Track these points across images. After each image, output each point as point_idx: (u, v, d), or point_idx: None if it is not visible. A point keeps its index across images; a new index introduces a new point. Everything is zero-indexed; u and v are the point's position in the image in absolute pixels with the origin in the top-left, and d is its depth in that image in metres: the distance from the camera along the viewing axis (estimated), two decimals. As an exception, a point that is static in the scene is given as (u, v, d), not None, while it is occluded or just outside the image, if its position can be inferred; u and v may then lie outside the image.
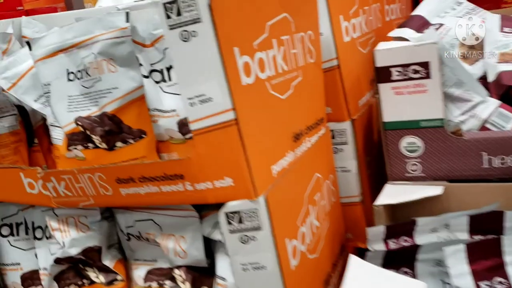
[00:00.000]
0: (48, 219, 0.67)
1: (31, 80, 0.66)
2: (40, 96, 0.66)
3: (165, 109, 0.62)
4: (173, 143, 0.64)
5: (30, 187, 0.63)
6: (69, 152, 0.60)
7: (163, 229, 0.61)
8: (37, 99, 0.66)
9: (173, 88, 0.64)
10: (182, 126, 0.63)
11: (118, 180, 0.56)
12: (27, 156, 0.72)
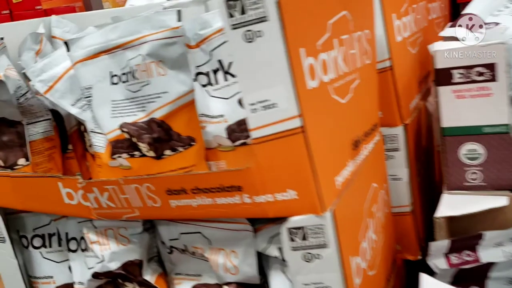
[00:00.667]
0: (86, 231, 0.63)
1: (68, 83, 0.62)
2: (78, 100, 0.62)
3: (212, 114, 0.57)
4: (221, 151, 0.60)
5: (69, 198, 0.59)
6: (113, 161, 0.56)
7: (212, 243, 0.57)
8: (75, 103, 0.62)
9: (220, 91, 0.60)
10: (231, 132, 0.59)
11: (168, 191, 0.52)
12: (61, 163, 0.68)
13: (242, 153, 0.59)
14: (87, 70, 0.57)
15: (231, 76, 0.60)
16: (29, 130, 0.65)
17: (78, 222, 0.65)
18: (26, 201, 0.62)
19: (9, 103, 0.62)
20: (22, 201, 0.63)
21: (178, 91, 0.53)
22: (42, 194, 0.61)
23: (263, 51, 0.44)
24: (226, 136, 0.59)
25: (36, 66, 0.61)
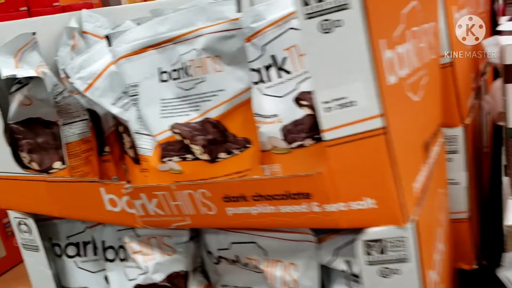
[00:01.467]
0: (128, 240, 0.58)
1: (108, 81, 0.57)
2: (118, 98, 0.58)
3: (266, 114, 0.53)
4: (276, 153, 0.55)
5: (112, 204, 0.54)
6: (162, 165, 0.52)
7: (269, 254, 0.52)
8: (115, 102, 0.58)
9: (273, 89, 0.55)
10: (287, 133, 0.54)
11: (226, 197, 0.47)
12: (98, 166, 0.64)
13: (299, 156, 0.55)
14: (133, 66, 0.53)
15: (285, 72, 0.56)
16: (65, 131, 0.60)
17: (117, 230, 0.61)
18: (63, 208, 0.58)
19: (46, 102, 0.58)
20: (58, 208, 0.58)
21: (235, 88, 0.48)
22: (81, 201, 0.56)
23: (342, 43, 0.39)
24: (281, 137, 0.55)
25: (74, 62, 0.57)
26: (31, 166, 0.59)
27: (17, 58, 0.61)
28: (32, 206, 0.60)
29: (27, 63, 0.61)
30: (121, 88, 0.58)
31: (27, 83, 0.60)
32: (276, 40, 0.55)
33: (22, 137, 0.59)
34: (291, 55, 0.55)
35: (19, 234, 0.64)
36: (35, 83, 0.57)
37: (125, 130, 0.62)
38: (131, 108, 0.57)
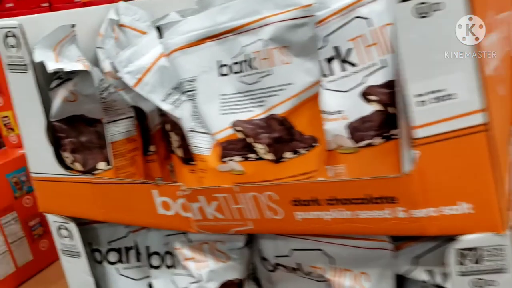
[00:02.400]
0: (180, 245, 0.54)
1: (158, 76, 0.53)
2: (168, 95, 0.54)
3: (329, 110, 0.49)
4: (341, 153, 0.51)
5: (164, 208, 0.50)
6: (222, 165, 0.48)
7: (336, 262, 0.48)
8: (165, 99, 0.54)
9: (336, 84, 0.51)
10: (353, 131, 0.50)
11: (295, 201, 0.43)
12: (143, 167, 0.60)
13: (367, 156, 0.50)
14: (189, 60, 0.49)
15: (350, 65, 0.51)
16: (110, 130, 0.56)
17: (165, 235, 0.57)
18: (110, 211, 0.54)
19: (91, 98, 0.54)
20: (104, 212, 0.54)
21: (304, 82, 0.44)
22: (130, 204, 0.52)
23: (441, 28, 0.35)
24: (348, 135, 0.50)
25: (122, 56, 0.53)
26: (74, 166, 0.56)
27: (56, 51, 0.57)
28: (75, 209, 0.57)
29: (66, 57, 0.58)
30: (171, 84, 0.54)
31: (69, 78, 0.56)
32: (340, 30, 0.51)
33: (65, 135, 0.55)
34: (357, 46, 0.51)
35: (59, 239, 0.60)
36: (81, 77, 0.53)
37: (173, 128, 0.58)
38: (182, 104, 0.53)
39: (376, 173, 0.50)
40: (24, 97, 0.54)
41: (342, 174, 0.51)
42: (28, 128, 0.56)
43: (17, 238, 0.93)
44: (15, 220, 0.93)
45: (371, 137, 0.50)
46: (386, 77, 0.49)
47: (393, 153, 0.50)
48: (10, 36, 0.52)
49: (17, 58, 0.53)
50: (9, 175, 0.92)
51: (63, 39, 0.58)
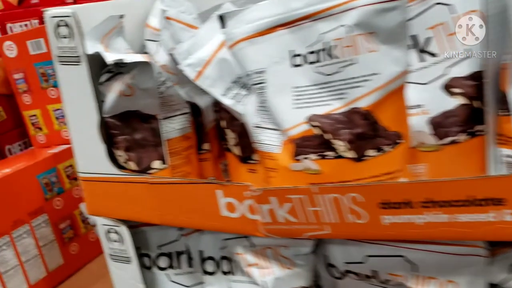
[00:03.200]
0: (243, 250, 0.50)
1: (217, 69, 0.50)
2: (228, 89, 0.50)
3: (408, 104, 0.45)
4: (423, 151, 0.47)
5: (229, 209, 0.47)
6: (296, 163, 0.44)
7: (420, 269, 0.44)
8: (225, 93, 0.50)
9: (414, 75, 0.48)
10: (436, 127, 0.47)
11: (384, 204, 0.40)
12: (197, 166, 0.56)
13: (451, 154, 0.47)
14: (257, 50, 0.45)
15: (429, 55, 0.48)
16: (165, 126, 0.53)
17: (223, 239, 0.53)
18: (166, 213, 0.50)
19: (149, 93, 0.50)
20: (160, 214, 0.51)
21: (391, 72, 0.41)
22: (190, 205, 0.49)
23: None
24: (430, 131, 0.47)
25: (182, 47, 0.49)
26: (128, 165, 0.52)
27: (104, 43, 0.53)
28: (127, 211, 0.53)
29: (114, 50, 0.54)
30: (231, 77, 0.50)
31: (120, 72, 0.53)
32: (419, 17, 0.47)
33: (119, 132, 0.51)
34: (437, 35, 0.47)
35: (107, 244, 0.57)
36: (140, 70, 0.49)
37: (229, 125, 0.54)
38: (243, 99, 0.50)
39: (459, 173, 0.46)
40: (76, 91, 0.51)
41: (422, 174, 0.48)
42: (78, 125, 0.52)
43: (48, 241, 0.90)
44: (45, 222, 0.89)
45: (456, 133, 0.46)
46: (471, 68, 0.46)
47: (477, 151, 0.46)
48: (62, 26, 0.49)
49: (69, 49, 0.49)
50: (40, 176, 0.89)
51: (110, 31, 0.54)
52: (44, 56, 0.93)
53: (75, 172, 0.99)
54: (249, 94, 0.50)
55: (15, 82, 0.98)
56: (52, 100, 0.96)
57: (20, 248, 0.84)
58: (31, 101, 0.98)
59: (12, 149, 1.06)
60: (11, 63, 0.97)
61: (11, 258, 0.83)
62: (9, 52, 0.95)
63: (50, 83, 0.95)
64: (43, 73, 0.94)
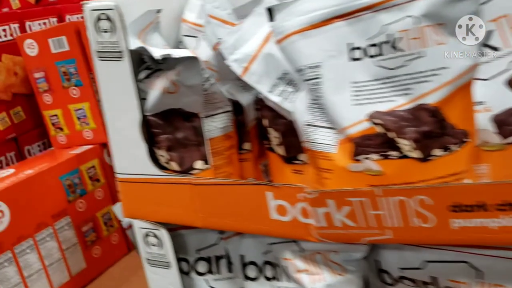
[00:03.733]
0: (292, 255, 0.48)
1: (263, 64, 0.48)
2: (274, 85, 0.48)
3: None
4: (485, 150, 0.45)
5: (279, 212, 0.44)
6: (356, 164, 0.41)
7: (486, 276, 0.42)
8: (272, 90, 0.48)
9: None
10: (501, 124, 0.44)
11: (454, 206, 0.37)
12: (238, 166, 0.54)
13: (515, 154, 0.44)
14: (311, 43, 0.43)
15: (491, 49, 0.45)
16: (207, 125, 0.50)
17: (268, 244, 0.51)
18: (210, 216, 0.48)
19: (194, 90, 0.48)
20: (204, 216, 0.48)
21: (461, 66, 0.38)
22: (236, 208, 0.46)
23: None
24: (494, 130, 0.44)
25: (228, 42, 0.47)
26: (169, 166, 0.50)
27: (141, 39, 0.51)
28: (167, 214, 0.51)
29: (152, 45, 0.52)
30: (277, 73, 0.48)
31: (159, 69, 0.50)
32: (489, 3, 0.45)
33: (161, 131, 0.49)
34: (500, 28, 0.44)
35: (145, 248, 0.54)
36: (186, 66, 0.47)
37: (272, 124, 0.52)
38: (291, 96, 0.47)
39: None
40: (116, 89, 0.48)
41: (484, 174, 0.45)
42: (118, 123, 0.50)
43: (71, 244, 0.88)
44: (68, 225, 0.87)
45: (521, 132, 0.44)
46: (538, 63, 0.43)
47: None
48: (103, 19, 0.47)
49: (110, 44, 0.47)
50: (63, 177, 0.87)
51: (147, 26, 0.52)
52: (66, 54, 0.91)
53: (97, 174, 0.97)
54: (295, 91, 0.48)
55: (36, 81, 0.96)
56: (73, 99, 0.94)
57: (44, 252, 0.82)
58: (52, 101, 0.95)
59: (31, 149, 1.04)
60: (32, 62, 0.95)
61: (35, 262, 0.81)
62: (30, 50, 0.93)
63: (72, 82, 0.93)
64: (65, 72, 0.92)
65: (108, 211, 0.96)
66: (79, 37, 0.90)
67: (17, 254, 0.77)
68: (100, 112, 0.93)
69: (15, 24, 1.01)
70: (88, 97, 0.93)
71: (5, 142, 0.98)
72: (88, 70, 0.92)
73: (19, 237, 0.78)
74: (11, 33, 1.00)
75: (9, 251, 0.76)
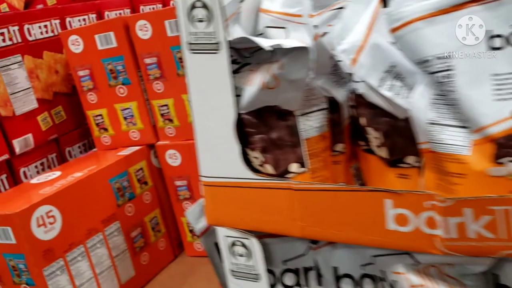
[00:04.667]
0: (405, 269, 0.43)
1: (370, 56, 0.43)
2: (381, 80, 0.43)
3: None
4: None
5: (398, 222, 0.40)
6: (497, 167, 0.37)
7: None
8: (380, 84, 0.43)
9: None
10: None
11: None
12: (332, 170, 0.49)
13: None
14: (440, 31, 0.38)
15: None
16: (302, 124, 0.46)
17: (373, 256, 0.46)
18: (312, 225, 0.43)
19: (296, 85, 0.43)
20: (304, 225, 0.44)
21: None
22: (344, 216, 0.42)
23: None
24: None
25: (334, 31, 0.43)
26: (263, 169, 0.45)
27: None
28: (260, 221, 0.46)
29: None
30: (383, 66, 0.43)
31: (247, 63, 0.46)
32: None
33: (256, 131, 0.44)
34: None
35: (230, 258, 0.50)
36: (292, 58, 0.42)
37: (371, 123, 0.47)
38: (402, 91, 0.43)
39: None
40: (209, 84, 0.44)
41: None
42: (208, 122, 0.45)
43: (120, 251, 0.83)
44: (118, 231, 0.83)
45: None
46: None
47: None
48: (198, 7, 0.42)
49: (205, 35, 0.42)
50: (112, 180, 0.83)
51: (230, 17, 0.48)
52: (114, 51, 0.87)
53: (145, 176, 0.92)
54: (404, 85, 0.43)
55: (80, 79, 0.91)
56: (120, 98, 0.89)
57: (94, 259, 0.78)
58: (96, 100, 0.91)
59: (72, 151, 1.00)
60: (76, 59, 0.90)
61: (86, 270, 0.76)
62: (75, 47, 0.89)
63: (119, 80, 0.88)
64: (112, 70, 0.88)
65: (155, 216, 0.91)
66: (127, 32, 0.86)
67: (68, 262, 0.73)
68: (148, 112, 0.89)
69: (56, 20, 0.97)
70: (136, 96, 0.89)
71: (47, 144, 0.94)
72: (136, 68, 0.88)
73: (71, 244, 0.74)
74: (52, 29, 0.96)
75: (61, 259, 0.72)
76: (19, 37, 0.87)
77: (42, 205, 0.70)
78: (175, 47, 0.83)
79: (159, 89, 0.87)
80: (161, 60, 0.84)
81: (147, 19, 0.83)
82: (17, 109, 0.86)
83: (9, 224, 0.67)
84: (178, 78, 0.85)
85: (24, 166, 0.88)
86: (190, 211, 0.56)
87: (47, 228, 0.70)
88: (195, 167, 0.87)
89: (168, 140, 0.89)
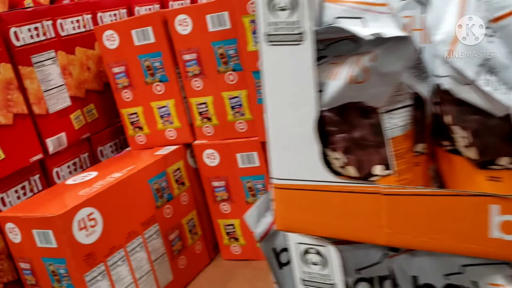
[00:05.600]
0: (504, 281, 0.39)
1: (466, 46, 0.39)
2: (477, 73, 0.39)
3: None
4: None
5: (504, 230, 0.36)
6: None
7: None
8: (476, 78, 0.39)
9: None
10: None
11: None
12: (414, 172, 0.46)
13: None
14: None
15: None
16: (387, 122, 0.42)
17: (462, 265, 0.42)
18: (400, 233, 0.40)
19: (388, 79, 0.40)
20: (391, 232, 0.40)
21: None
22: (439, 223, 0.38)
23: None
24: None
25: (429, 20, 0.39)
26: (345, 171, 0.42)
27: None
28: (340, 228, 0.43)
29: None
30: (478, 59, 0.40)
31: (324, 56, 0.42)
32: None
33: (338, 130, 0.41)
34: None
35: (301, 267, 0.46)
36: (387, 49, 0.39)
37: (459, 121, 0.43)
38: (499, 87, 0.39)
39: None
40: (289, 79, 0.40)
41: None
42: (284, 120, 0.42)
43: (159, 255, 0.80)
44: (157, 234, 0.79)
45: None
46: None
47: None
48: (280, -5, 0.39)
49: (287, 25, 0.39)
50: (151, 181, 0.79)
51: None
52: (151, 47, 0.84)
53: (182, 177, 0.89)
54: (499, 80, 0.40)
55: (114, 76, 0.88)
56: (157, 96, 0.86)
57: (134, 264, 0.74)
58: (132, 98, 0.88)
59: (104, 150, 0.97)
60: (111, 55, 0.87)
61: (126, 275, 0.73)
62: (110, 42, 0.86)
63: (156, 78, 0.85)
64: (149, 66, 0.85)
65: (192, 217, 0.88)
66: (166, 27, 0.83)
67: (109, 267, 0.70)
68: (185, 110, 0.85)
69: (88, 15, 0.94)
70: (174, 94, 0.85)
71: (80, 143, 0.91)
72: (174, 64, 0.84)
73: (112, 248, 0.70)
74: (84, 25, 0.93)
75: (102, 263, 0.69)
76: (53, 32, 0.84)
77: (84, 207, 0.66)
78: (216, 43, 0.79)
79: (198, 87, 0.83)
80: (201, 56, 0.81)
81: (187, 13, 0.80)
82: (50, 107, 0.83)
83: (50, 227, 0.64)
84: (219, 75, 0.81)
85: (57, 166, 0.85)
86: (249, 213, 0.53)
87: (89, 232, 0.67)
88: (233, 167, 0.84)
89: (206, 140, 0.86)
